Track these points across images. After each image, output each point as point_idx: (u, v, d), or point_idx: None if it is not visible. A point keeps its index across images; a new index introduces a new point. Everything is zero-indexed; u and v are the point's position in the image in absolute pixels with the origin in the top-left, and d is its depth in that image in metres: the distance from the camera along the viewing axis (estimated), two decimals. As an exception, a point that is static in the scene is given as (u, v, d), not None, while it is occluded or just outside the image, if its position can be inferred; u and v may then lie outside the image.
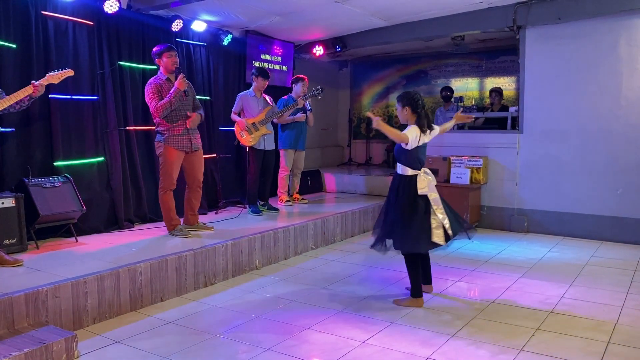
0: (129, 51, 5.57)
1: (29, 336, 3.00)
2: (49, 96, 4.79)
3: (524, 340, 3.26)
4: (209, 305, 3.99)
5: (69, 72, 4.09)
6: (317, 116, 7.04)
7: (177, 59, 4.88)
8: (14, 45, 4.59)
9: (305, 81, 6.55)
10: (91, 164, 5.21)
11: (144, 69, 5.69)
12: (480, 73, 8.98)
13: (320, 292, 4.26)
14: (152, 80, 4.85)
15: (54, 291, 3.35)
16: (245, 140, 6.01)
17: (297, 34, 7.52)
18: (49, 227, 4.65)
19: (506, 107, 7.29)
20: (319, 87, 6.43)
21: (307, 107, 6.54)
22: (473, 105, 8.04)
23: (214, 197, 6.50)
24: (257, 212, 6.10)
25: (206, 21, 6.30)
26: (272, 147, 6.26)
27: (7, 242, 4.16)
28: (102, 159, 5.30)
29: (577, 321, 3.56)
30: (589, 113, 6.02)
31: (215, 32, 6.63)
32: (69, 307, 3.43)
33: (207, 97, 6.57)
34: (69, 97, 5.00)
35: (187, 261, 4.26)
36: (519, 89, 6.57)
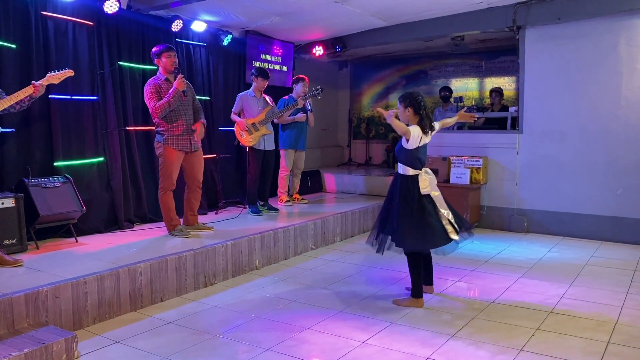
0: (128, 51, 5.57)
1: (29, 336, 3.00)
2: (49, 96, 4.79)
3: (524, 340, 3.26)
4: (209, 305, 3.99)
5: (69, 73, 4.09)
6: (317, 116, 7.04)
7: (176, 59, 4.89)
8: (14, 46, 4.59)
9: (306, 81, 6.56)
10: (91, 164, 5.21)
11: (143, 69, 5.69)
12: (480, 73, 8.97)
13: (320, 292, 4.26)
14: (151, 81, 4.87)
15: (54, 291, 3.35)
16: (245, 140, 6.01)
17: (297, 34, 7.52)
18: (49, 228, 4.65)
19: (506, 107, 7.27)
20: (319, 87, 6.43)
21: (307, 107, 6.55)
22: (473, 106, 8.04)
23: (213, 198, 6.51)
24: (257, 212, 6.10)
25: (206, 21, 6.30)
26: (272, 147, 6.27)
27: (7, 242, 4.16)
28: (102, 159, 5.30)
29: (577, 321, 3.56)
30: (589, 113, 6.02)
31: (215, 33, 6.63)
32: (69, 308, 3.43)
33: (207, 98, 6.57)
34: (69, 97, 5.00)
35: (187, 261, 4.26)
36: (519, 89, 6.56)
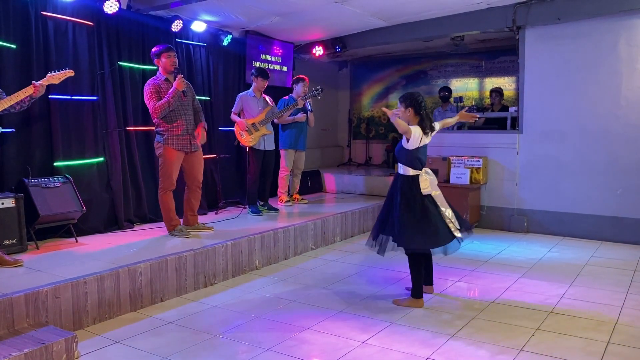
0: (128, 51, 5.57)
1: (29, 336, 3.00)
2: (49, 96, 4.79)
3: (523, 340, 3.26)
4: (209, 305, 3.99)
5: (69, 73, 4.09)
6: (317, 116, 7.04)
7: (176, 60, 4.89)
8: (14, 46, 4.59)
9: (306, 81, 6.56)
10: (91, 165, 5.21)
11: (143, 70, 5.69)
12: (480, 73, 8.97)
13: (320, 292, 4.26)
14: (150, 81, 4.87)
15: (54, 291, 3.35)
16: (245, 140, 6.01)
17: (297, 35, 7.52)
18: (49, 228, 4.65)
19: (506, 108, 7.27)
20: (319, 87, 6.44)
21: (307, 107, 6.55)
22: (473, 106, 8.04)
23: (213, 198, 6.50)
24: (257, 212, 6.10)
25: (206, 21, 6.30)
26: (272, 147, 6.27)
27: (7, 242, 4.16)
28: (102, 159, 5.30)
29: (577, 321, 3.56)
30: (589, 113, 6.02)
31: (215, 33, 6.63)
32: (69, 308, 3.43)
33: (207, 98, 6.57)
34: (69, 97, 5.00)
35: (187, 261, 4.26)
36: (519, 89, 6.56)
